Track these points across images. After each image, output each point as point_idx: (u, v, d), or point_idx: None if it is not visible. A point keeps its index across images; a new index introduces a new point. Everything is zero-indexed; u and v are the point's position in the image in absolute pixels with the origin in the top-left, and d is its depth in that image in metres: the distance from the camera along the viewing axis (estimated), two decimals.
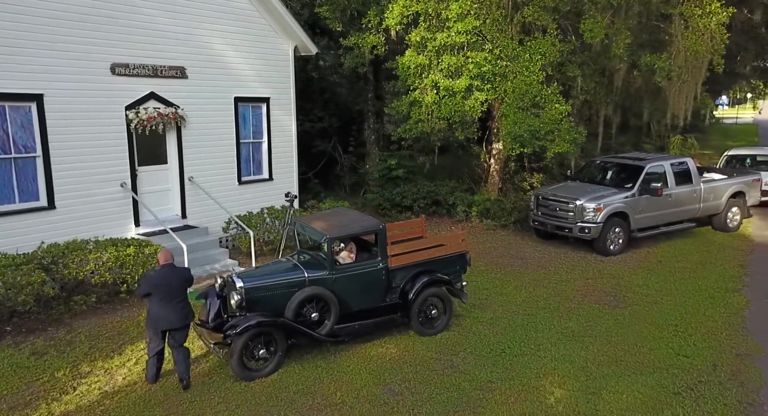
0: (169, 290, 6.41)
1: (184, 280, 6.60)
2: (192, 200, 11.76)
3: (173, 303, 6.44)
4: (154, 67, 10.83)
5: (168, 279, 6.43)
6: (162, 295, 6.39)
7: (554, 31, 11.51)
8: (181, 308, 6.50)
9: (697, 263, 11.58)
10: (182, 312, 6.52)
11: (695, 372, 6.87)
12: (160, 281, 6.40)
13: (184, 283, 6.57)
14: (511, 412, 5.97)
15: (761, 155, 18.19)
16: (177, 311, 6.46)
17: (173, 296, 6.44)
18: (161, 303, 6.40)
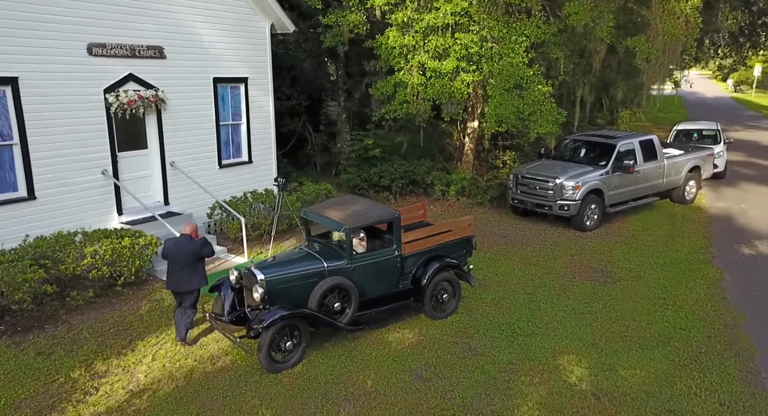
0: (177, 257, 7.09)
1: (192, 252, 7.10)
2: (174, 186, 11.41)
3: (179, 269, 7.10)
4: (132, 47, 10.32)
5: (178, 248, 7.11)
6: (171, 261, 7.15)
7: (538, 14, 11.71)
8: (186, 274, 7.11)
9: (666, 236, 12.30)
10: (186, 278, 7.13)
11: (694, 343, 7.42)
12: (172, 248, 7.16)
13: (191, 254, 7.10)
14: (539, 393, 6.29)
15: (707, 130, 19.17)
16: (182, 276, 7.11)
17: (180, 264, 7.08)
18: (171, 268, 7.18)
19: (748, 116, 39.87)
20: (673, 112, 40.31)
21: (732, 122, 33.12)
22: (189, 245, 7.12)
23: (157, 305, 8.64)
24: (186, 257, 7.05)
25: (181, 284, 7.12)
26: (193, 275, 7.14)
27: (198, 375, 6.77)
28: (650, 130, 25.98)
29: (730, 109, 45.36)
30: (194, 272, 7.14)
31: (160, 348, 7.41)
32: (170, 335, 7.72)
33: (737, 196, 16.26)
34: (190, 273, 7.10)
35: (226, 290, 7.50)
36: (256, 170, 13.09)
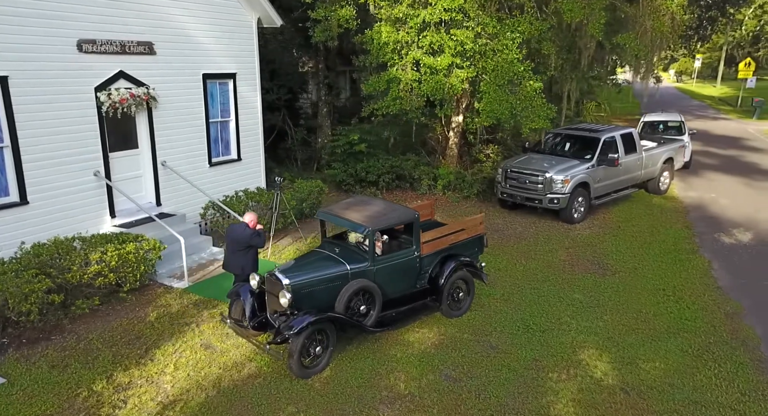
0: (231, 242, 7.81)
1: (244, 239, 7.71)
2: (166, 186, 11.12)
3: (231, 253, 7.84)
4: (122, 43, 9.95)
5: (235, 233, 7.79)
6: (227, 244, 7.90)
7: (531, 10, 11.86)
8: (236, 259, 7.78)
9: (650, 226, 12.77)
10: (235, 263, 7.80)
11: (701, 334, 7.78)
12: (230, 232, 7.88)
13: (238, 242, 7.73)
14: (570, 389, 6.48)
15: (672, 121, 19.82)
16: (233, 260, 7.83)
17: (232, 249, 7.80)
18: (226, 250, 7.94)
19: (695, 106, 41.59)
20: (626, 101, 41.64)
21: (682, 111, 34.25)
22: (243, 232, 7.72)
23: (165, 312, 8.44)
24: (238, 243, 7.69)
25: (231, 268, 7.86)
26: (242, 261, 7.75)
27: (226, 383, 6.67)
28: (610, 121, 26.81)
29: (677, 98, 47.14)
30: (244, 258, 7.74)
31: (180, 356, 7.26)
32: (187, 343, 7.58)
33: (704, 185, 16.99)
34: (239, 259, 7.75)
35: (245, 295, 7.37)
36: (245, 168, 12.88)
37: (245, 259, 7.75)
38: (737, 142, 25.60)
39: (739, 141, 25.91)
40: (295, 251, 11.06)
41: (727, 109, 40.49)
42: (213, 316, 8.33)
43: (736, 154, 22.66)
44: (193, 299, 8.89)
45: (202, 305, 8.69)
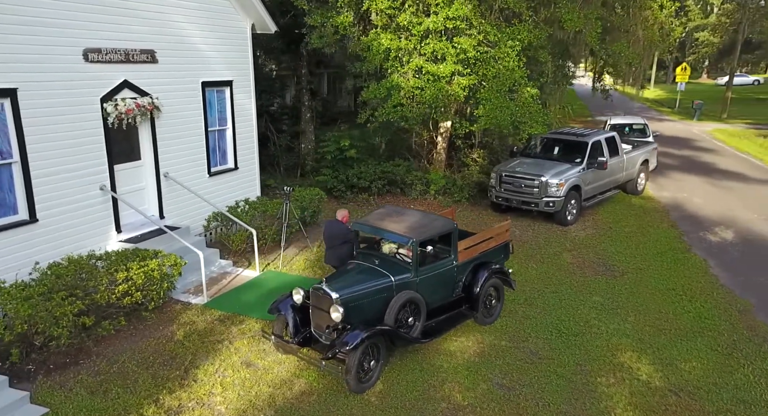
0: (327, 238, 8.54)
1: (338, 235, 8.37)
2: (168, 198, 10.77)
3: (329, 248, 8.55)
4: (126, 52, 9.58)
5: (331, 230, 8.47)
6: (326, 240, 8.60)
7: (529, 19, 12.16)
8: (334, 252, 8.44)
9: (639, 227, 13.32)
10: (334, 255, 8.45)
11: (724, 332, 8.20)
12: (326, 230, 8.56)
13: (336, 237, 8.39)
14: (622, 393, 6.71)
15: (636, 124, 20.69)
16: (331, 254, 8.54)
17: (330, 244, 8.50)
18: (326, 246, 8.63)
19: (638, 108, 43.42)
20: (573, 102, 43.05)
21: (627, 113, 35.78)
22: (339, 228, 8.39)
23: (192, 330, 8.20)
24: (336, 238, 8.32)
25: (331, 260, 8.53)
26: (338, 252, 8.33)
27: (281, 402, 6.56)
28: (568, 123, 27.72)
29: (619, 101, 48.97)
30: (341, 251, 8.29)
31: (223, 376, 7.08)
32: (225, 361, 7.40)
33: (673, 185, 17.85)
34: (337, 253, 8.36)
35: (287, 310, 7.28)
36: (242, 177, 12.63)
37: (342, 252, 8.32)
38: (688, 143, 26.95)
39: (689, 142, 27.29)
40: (304, 260, 10.94)
41: (667, 110, 42.56)
42: (243, 332, 8.15)
43: (692, 154, 23.88)
44: (215, 315, 8.67)
45: (227, 321, 8.49)
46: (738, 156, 23.91)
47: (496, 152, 16.05)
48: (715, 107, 39.64)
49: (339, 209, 9.12)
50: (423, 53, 12.06)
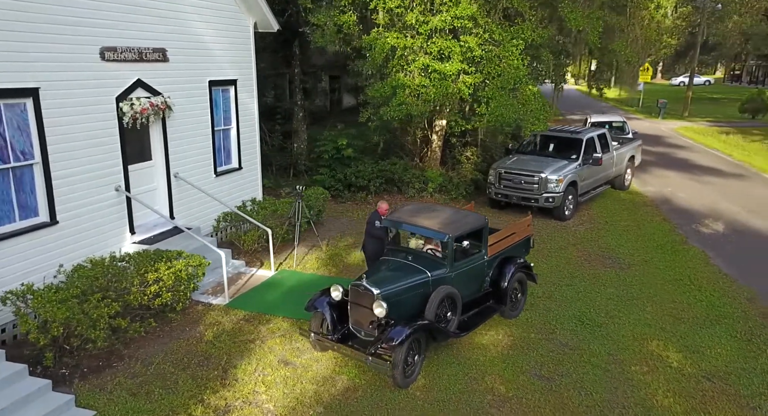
0: (369, 230, 8.84)
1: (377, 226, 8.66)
2: (178, 199, 10.63)
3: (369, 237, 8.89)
4: (139, 50, 9.43)
5: (370, 221, 8.84)
6: (366, 231, 8.95)
7: (532, 18, 12.42)
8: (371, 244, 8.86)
9: (633, 221, 13.77)
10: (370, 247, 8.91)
11: (739, 319, 8.59)
12: (368, 221, 8.89)
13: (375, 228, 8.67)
14: (659, 381, 6.97)
15: (616, 122, 21.33)
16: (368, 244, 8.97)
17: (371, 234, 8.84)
18: (365, 235, 9.02)
19: (604, 106, 44.55)
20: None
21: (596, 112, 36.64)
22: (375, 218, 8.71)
23: (220, 330, 8.16)
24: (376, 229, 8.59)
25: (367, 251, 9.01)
26: (375, 249, 8.62)
27: (328, 398, 6.61)
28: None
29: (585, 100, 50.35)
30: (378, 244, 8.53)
31: (263, 374, 7.08)
32: (261, 360, 7.41)
33: (656, 181, 18.47)
34: (374, 244, 8.67)
35: (324, 307, 7.31)
36: (246, 177, 12.54)
37: (378, 247, 8.56)
38: (660, 140, 27.83)
39: (661, 139, 28.18)
40: (316, 259, 10.97)
41: (632, 109, 43.77)
42: (273, 331, 8.15)
43: (666, 151, 24.70)
44: (240, 315, 8.64)
45: (254, 320, 8.47)
46: (708, 152, 24.84)
47: (489, 150, 16.31)
48: (677, 105, 41.02)
49: (381, 201, 9.20)
50: (429, 52, 12.20)
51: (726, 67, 79.25)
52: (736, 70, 77.35)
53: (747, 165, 21.64)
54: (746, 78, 74.18)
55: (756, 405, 6.59)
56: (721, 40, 54.34)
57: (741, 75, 76.41)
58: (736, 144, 26.66)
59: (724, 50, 58.50)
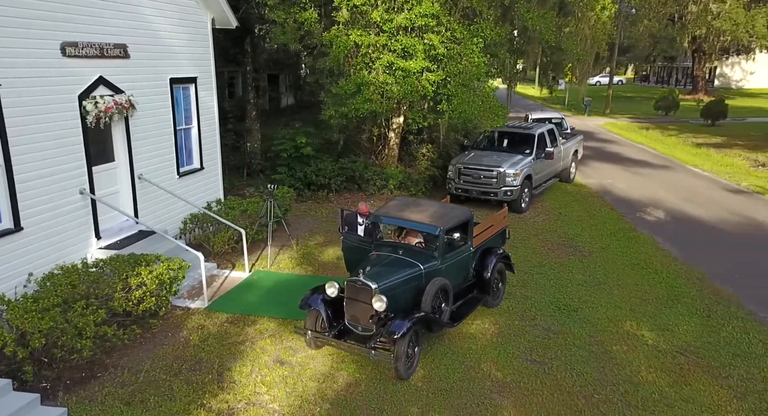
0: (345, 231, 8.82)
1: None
2: (142, 201, 10.22)
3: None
4: (100, 46, 9.01)
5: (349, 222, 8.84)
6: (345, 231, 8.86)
7: (490, 17, 12.77)
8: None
9: (584, 211, 14.47)
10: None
11: (695, 298, 9.24)
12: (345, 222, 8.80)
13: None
14: (640, 358, 7.39)
15: (555, 118, 22.31)
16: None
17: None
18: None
19: (532, 105, 46.26)
20: None
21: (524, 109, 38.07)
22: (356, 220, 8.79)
23: (206, 334, 7.96)
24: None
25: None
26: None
27: (332, 395, 6.60)
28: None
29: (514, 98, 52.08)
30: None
31: (260, 375, 6.98)
32: (255, 361, 7.30)
33: (595, 173, 19.46)
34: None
35: (318, 304, 7.29)
36: (208, 177, 12.23)
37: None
38: (591, 135, 29.24)
39: (592, 134, 29.63)
40: (289, 259, 10.85)
41: (558, 107, 45.75)
42: (261, 332, 8.03)
43: (599, 145, 26.03)
44: (223, 317, 8.46)
45: (238, 322, 8.31)
46: (635, 146, 26.40)
47: (444, 147, 16.64)
48: (598, 103, 43.24)
49: (361, 202, 9.25)
50: (393, 49, 12.31)
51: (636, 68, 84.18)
52: (644, 71, 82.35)
53: (671, 158, 23.15)
54: (653, 78, 79.18)
55: (727, 374, 7.14)
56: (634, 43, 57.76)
57: (649, 76, 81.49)
58: (656, 138, 28.49)
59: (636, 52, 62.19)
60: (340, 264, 10.55)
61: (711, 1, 45.24)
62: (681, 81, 68.64)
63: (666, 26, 50.33)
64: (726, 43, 50.20)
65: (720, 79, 65.78)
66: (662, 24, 49.84)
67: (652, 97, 46.92)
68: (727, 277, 10.13)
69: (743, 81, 65.28)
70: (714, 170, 20.23)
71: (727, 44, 51.25)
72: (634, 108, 43.94)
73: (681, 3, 47.60)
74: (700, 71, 55.22)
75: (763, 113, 39.63)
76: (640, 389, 6.78)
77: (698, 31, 47.98)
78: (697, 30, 47.73)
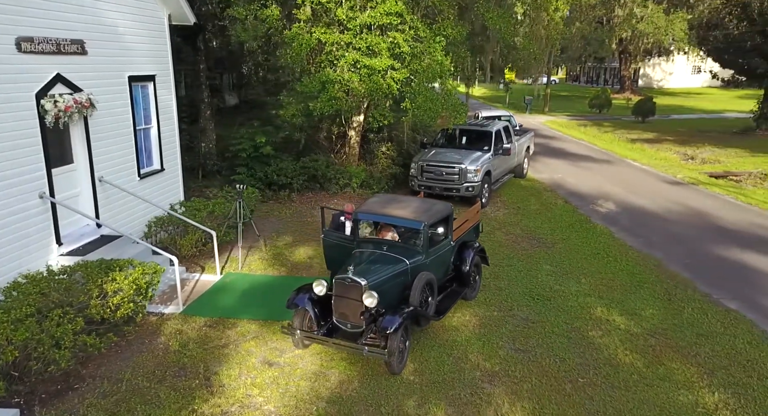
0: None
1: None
2: (103, 205, 9.79)
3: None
4: (57, 42, 8.57)
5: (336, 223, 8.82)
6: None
7: (451, 16, 12.93)
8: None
9: (541, 204, 14.93)
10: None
11: (655, 283, 9.72)
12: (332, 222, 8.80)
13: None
14: (614, 342, 7.71)
15: (504, 116, 22.90)
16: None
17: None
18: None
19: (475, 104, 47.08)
20: None
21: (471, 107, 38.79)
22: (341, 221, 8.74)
23: (185, 338, 7.74)
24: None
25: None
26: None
27: (327, 393, 6.55)
28: None
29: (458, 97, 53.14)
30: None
31: (249, 377, 6.85)
32: (243, 364, 7.16)
33: (545, 168, 20.11)
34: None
35: (305, 303, 7.23)
36: (168, 179, 11.85)
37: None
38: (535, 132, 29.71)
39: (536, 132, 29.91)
40: (259, 260, 10.68)
41: (500, 106, 46.93)
42: (243, 335, 7.87)
43: (544, 142, 26.86)
44: (200, 321, 8.23)
45: (218, 326, 8.12)
46: (577, 142, 27.45)
47: (402, 145, 16.76)
48: (537, 102, 44.68)
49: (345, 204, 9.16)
50: (358, 47, 12.28)
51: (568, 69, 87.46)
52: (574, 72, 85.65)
53: (611, 152, 24.21)
54: (584, 78, 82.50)
55: (695, 353, 7.56)
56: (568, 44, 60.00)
57: (579, 76, 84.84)
58: (594, 135, 29.72)
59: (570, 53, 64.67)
60: (312, 264, 10.48)
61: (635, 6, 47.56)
62: (609, 81, 71.82)
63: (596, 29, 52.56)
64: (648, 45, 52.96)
65: (643, 79, 69.27)
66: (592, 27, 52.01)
67: (585, 96, 48.92)
68: (679, 263, 10.71)
69: (663, 81, 69.12)
70: (651, 164, 21.30)
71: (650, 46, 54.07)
72: (570, 106, 45.65)
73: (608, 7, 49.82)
74: (627, 71, 58.06)
75: (685, 110, 42.10)
76: (620, 371, 7.08)
77: (624, 34, 50.36)
78: (623, 33, 50.07)
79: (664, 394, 6.61)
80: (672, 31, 47.42)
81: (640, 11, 47.86)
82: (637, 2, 44.68)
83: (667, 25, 46.94)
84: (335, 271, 8.24)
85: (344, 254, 8.03)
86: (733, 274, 10.22)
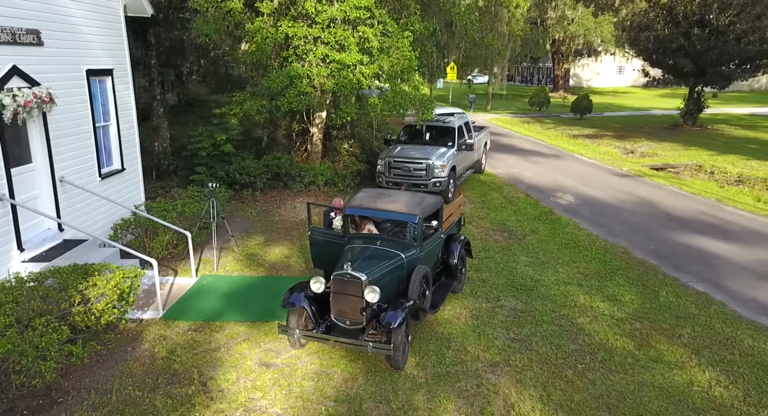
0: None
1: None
2: (65, 207, 9.18)
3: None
4: (12, 31, 7.95)
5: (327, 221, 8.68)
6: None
7: (417, 11, 12.88)
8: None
9: (504, 198, 15.17)
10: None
11: (628, 270, 10.03)
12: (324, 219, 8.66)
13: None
14: (602, 327, 7.88)
15: (457, 113, 23.12)
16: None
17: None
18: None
19: None
20: None
21: None
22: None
23: (171, 344, 7.35)
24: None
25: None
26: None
27: (333, 392, 6.37)
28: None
29: None
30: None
31: (249, 380, 6.58)
32: (239, 367, 6.87)
33: (500, 164, 20.46)
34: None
35: (302, 302, 7.00)
36: (128, 179, 11.25)
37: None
38: None
39: None
40: (234, 261, 10.30)
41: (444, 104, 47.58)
42: (233, 337, 7.56)
43: (494, 138, 27.06)
44: (184, 326, 7.85)
45: (203, 330, 7.76)
46: (524, 138, 28.11)
47: (365, 141, 16.63)
48: (480, 101, 45.59)
49: (336, 198, 8.97)
50: (326, 42, 12.04)
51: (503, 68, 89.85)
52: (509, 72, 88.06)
53: (558, 147, 24.93)
54: (518, 78, 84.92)
55: (678, 334, 7.84)
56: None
57: (514, 75, 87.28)
58: (539, 131, 30.56)
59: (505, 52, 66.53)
60: (290, 263, 10.21)
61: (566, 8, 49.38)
62: (542, 80, 74.17)
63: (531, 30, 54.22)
64: (579, 46, 55.10)
65: (574, 78, 71.93)
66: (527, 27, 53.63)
67: (522, 94, 50.22)
68: (644, 250, 11.12)
69: (592, 80, 72.08)
70: (597, 158, 22.08)
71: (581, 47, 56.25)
72: (510, 104, 46.77)
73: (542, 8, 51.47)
74: (560, 71, 60.13)
75: (615, 108, 43.97)
76: (614, 355, 7.25)
77: (557, 35, 52.17)
78: (556, 34, 51.87)
79: (660, 375, 6.80)
80: (600, 33, 49.55)
81: (571, 14, 49.75)
82: (568, 5, 46.39)
83: (595, 27, 49.03)
84: (325, 268, 8.07)
85: (332, 250, 7.85)
86: (693, 258, 10.70)
